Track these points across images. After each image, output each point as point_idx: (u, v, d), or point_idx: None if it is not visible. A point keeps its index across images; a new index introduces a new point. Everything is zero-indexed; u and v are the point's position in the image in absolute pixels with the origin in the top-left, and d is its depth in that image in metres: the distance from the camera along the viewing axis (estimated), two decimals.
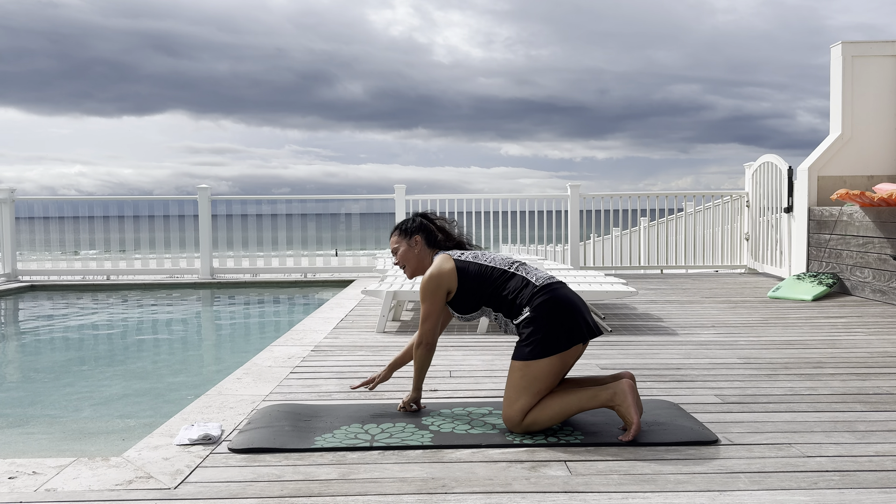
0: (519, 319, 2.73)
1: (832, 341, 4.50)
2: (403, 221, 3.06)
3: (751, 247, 8.91)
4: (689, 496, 2.13)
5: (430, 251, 3.00)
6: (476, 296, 2.82)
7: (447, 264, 2.85)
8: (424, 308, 2.84)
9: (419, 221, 3.04)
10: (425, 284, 2.84)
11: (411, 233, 3.01)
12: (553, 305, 2.69)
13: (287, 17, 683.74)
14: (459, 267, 2.84)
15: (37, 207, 9.40)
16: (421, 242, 2.99)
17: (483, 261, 2.86)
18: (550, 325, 2.66)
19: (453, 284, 2.83)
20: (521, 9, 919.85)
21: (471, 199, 9.20)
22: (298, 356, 4.12)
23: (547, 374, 2.66)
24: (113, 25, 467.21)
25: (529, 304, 2.71)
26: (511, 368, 2.71)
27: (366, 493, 2.16)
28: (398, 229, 3.04)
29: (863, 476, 2.28)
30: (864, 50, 7.31)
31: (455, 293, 2.85)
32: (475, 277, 2.82)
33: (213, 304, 7.91)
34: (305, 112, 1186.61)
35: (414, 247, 2.99)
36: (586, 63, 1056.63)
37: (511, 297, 2.76)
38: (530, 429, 2.66)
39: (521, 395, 2.66)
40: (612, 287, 5.11)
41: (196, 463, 2.41)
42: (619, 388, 2.66)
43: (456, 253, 2.93)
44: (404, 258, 3.00)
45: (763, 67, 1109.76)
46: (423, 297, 2.84)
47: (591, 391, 2.69)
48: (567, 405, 2.67)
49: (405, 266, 3.02)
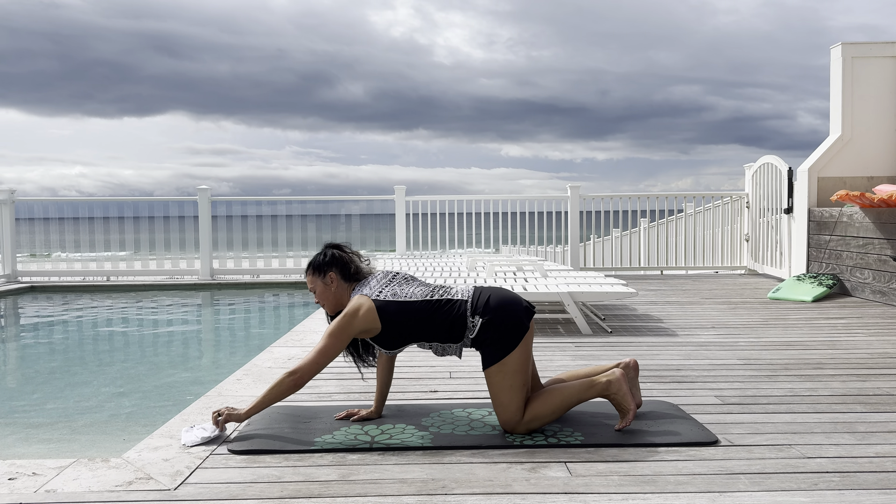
0: (475, 332, 2.68)
1: (832, 342, 4.50)
2: (315, 257, 2.88)
3: (751, 248, 8.91)
4: (689, 497, 2.13)
5: (348, 286, 2.84)
6: (403, 333, 2.72)
7: (364, 305, 2.69)
8: (324, 345, 2.64)
9: (331, 255, 2.85)
10: (338, 321, 2.68)
11: (324, 269, 2.83)
12: (495, 301, 2.70)
13: (288, 18, 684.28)
14: (380, 308, 2.69)
15: (37, 208, 9.40)
16: (336, 279, 2.82)
17: (402, 297, 2.73)
18: (504, 319, 2.67)
19: (371, 325, 2.69)
20: (523, 9, 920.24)
21: (471, 200, 9.20)
22: (298, 357, 4.12)
23: (522, 362, 2.68)
24: (114, 26, 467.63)
25: (476, 312, 2.69)
26: (487, 377, 2.70)
27: (366, 494, 2.16)
28: (311, 266, 2.85)
29: (863, 477, 2.28)
30: (864, 51, 7.31)
31: (379, 333, 2.72)
32: (401, 314, 2.70)
33: (212, 305, 7.90)
34: (306, 113, 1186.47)
35: (330, 284, 2.82)
36: (587, 64, 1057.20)
37: (449, 321, 2.70)
38: (531, 425, 2.67)
39: (510, 395, 2.66)
40: (612, 288, 5.11)
41: (196, 464, 2.41)
42: (615, 378, 2.71)
43: (374, 292, 2.75)
44: (322, 298, 2.83)
45: (764, 68, 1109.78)
46: (331, 333, 2.66)
47: (587, 381, 2.73)
48: (567, 398, 2.71)
49: (325, 304, 2.85)
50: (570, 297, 4.90)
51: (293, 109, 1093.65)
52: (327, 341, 2.66)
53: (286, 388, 2.63)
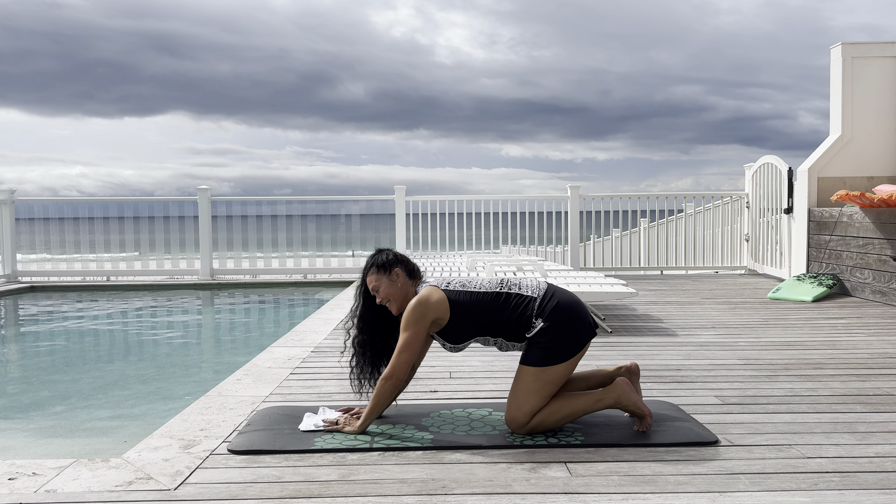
0: (532, 332, 2.69)
1: (832, 342, 4.50)
2: (375, 258, 2.88)
3: (751, 248, 8.91)
4: (689, 497, 2.13)
5: (413, 283, 2.86)
6: (472, 325, 2.74)
7: (435, 294, 2.73)
8: (405, 337, 2.68)
9: (393, 253, 2.88)
10: (411, 311, 2.70)
11: (389, 267, 2.84)
12: (563, 311, 2.70)
13: (289, 18, 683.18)
14: (451, 298, 2.73)
15: (37, 208, 9.40)
16: (402, 275, 2.84)
17: (472, 288, 2.76)
18: (565, 331, 2.68)
19: (442, 315, 2.71)
20: (525, 9, 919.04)
21: (471, 200, 9.20)
22: (298, 357, 4.12)
23: (561, 377, 2.69)
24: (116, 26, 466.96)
25: (540, 315, 2.70)
26: (522, 372, 2.70)
27: (366, 495, 2.16)
28: (374, 266, 2.85)
29: (863, 477, 2.28)
30: (864, 51, 7.31)
31: (446, 324, 2.74)
32: (470, 306, 2.72)
33: (213, 305, 7.90)
34: (307, 113, 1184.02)
35: (396, 280, 2.83)
36: (589, 64, 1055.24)
37: (514, 318, 2.71)
38: (535, 430, 2.68)
39: (531, 398, 2.66)
40: (612, 288, 5.11)
41: (196, 464, 2.41)
42: (621, 390, 2.71)
43: (442, 283, 2.79)
44: (388, 294, 2.83)
45: (766, 68, 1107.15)
46: (406, 324, 2.69)
47: (595, 395, 2.74)
48: (575, 409, 2.71)
49: (390, 302, 2.84)
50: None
51: (294, 109, 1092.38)
52: (408, 334, 2.69)
53: (387, 393, 2.70)
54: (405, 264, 2.89)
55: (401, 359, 2.68)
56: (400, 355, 2.68)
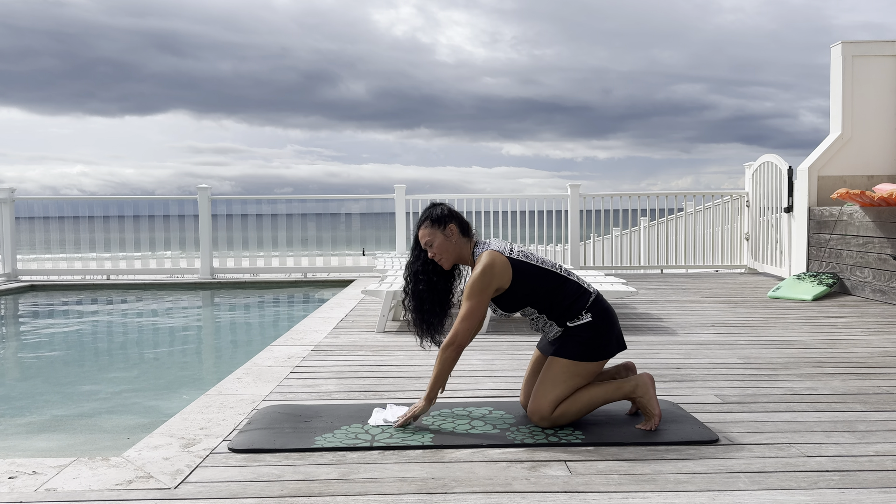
0: (576, 323, 2.73)
1: (832, 341, 4.50)
2: (429, 212, 2.85)
3: (751, 247, 8.91)
4: (689, 496, 2.13)
5: (466, 241, 2.85)
6: (529, 296, 2.75)
7: (499, 260, 2.71)
8: (470, 304, 2.68)
9: (447, 210, 2.85)
10: (477, 280, 2.68)
11: (444, 222, 2.82)
12: (609, 316, 2.78)
13: (291, 16, 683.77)
14: (515, 265, 2.73)
15: (37, 207, 9.40)
16: (456, 231, 2.82)
17: (534, 261, 2.78)
18: (607, 332, 2.75)
19: (504, 283, 2.72)
20: (527, 8, 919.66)
21: (471, 199, 9.20)
22: (298, 356, 4.12)
23: (591, 374, 2.75)
24: (118, 24, 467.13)
25: (589, 310, 2.75)
26: (554, 364, 2.73)
27: (366, 493, 2.16)
28: (428, 220, 2.83)
29: (863, 476, 2.28)
30: (864, 50, 7.31)
31: (505, 291, 2.75)
32: (532, 277, 2.74)
33: (213, 303, 7.91)
34: (308, 112, 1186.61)
35: (450, 236, 2.81)
36: (591, 62, 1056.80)
37: (567, 303, 2.75)
38: (558, 421, 2.70)
39: (558, 387, 2.70)
40: (613, 287, 5.11)
41: (196, 463, 2.41)
42: (642, 381, 2.75)
43: (505, 250, 2.77)
44: (441, 249, 2.81)
45: (768, 67, 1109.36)
46: (472, 293, 2.68)
47: (614, 384, 2.77)
48: (594, 398, 2.74)
49: (442, 258, 2.83)
50: None
51: (295, 108, 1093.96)
52: (472, 302, 2.68)
53: (451, 360, 2.68)
54: (459, 220, 2.85)
55: (463, 326, 2.67)
56: (462, 322, 2.68)
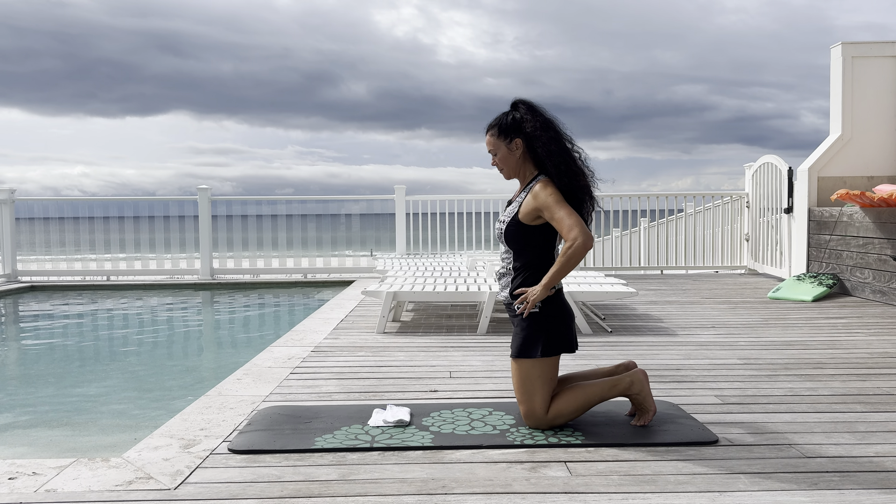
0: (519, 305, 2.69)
1: (832, 342, 4.50)
2: (500, 118, 2.76)
3: (751, 247, 8.91)
4: (689, 497, 2.13)
5: (532, 167, 2.76)
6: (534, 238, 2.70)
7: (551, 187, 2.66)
8: (565, 209, 2.59)
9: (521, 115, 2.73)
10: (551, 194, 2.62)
11: (511, 134, 2.72)
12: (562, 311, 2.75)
13: (293, 17, 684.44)
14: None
15: (37, 208, 9.40)
16: (522, 147, 2.73)
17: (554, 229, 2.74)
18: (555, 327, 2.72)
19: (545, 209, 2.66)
20: (529, 8, 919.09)
21: (471, 200, 9.20)
22: (298, 357, 4.12)
23: (553, 367, 2.73)
24: (120, 25, 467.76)
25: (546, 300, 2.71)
26: (513, 367, 2.73)
27: (366, 494, 2.16)
28: (497, 127, 2.75)
29: (863, 476, 2.28)
30: (864, 51, 7.31)
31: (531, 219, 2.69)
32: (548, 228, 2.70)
33: (213, 304, 7.91)
34: (309, 113, 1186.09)
35: (515, 151, 2.73)
36: (592, 63, 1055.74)
37: (539, 266, 2.71)
38: (554, 422, 2.70)
39: (535, 390, 2.69)
40: (613, 288, 5.11)
41: (196, 464, 2.41)
42: (637, 378, 2.75)
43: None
44: (505, 163, 2.76)
45: (769, 67, 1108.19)
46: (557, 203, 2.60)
47: (610, 381, 2.76)
48: (590, 396, 2.73)
49: (504, 169, 2.78)
50: (570, 297, 4.90)
51: (296, 109, 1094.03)
52: (565, 207, 2.60)
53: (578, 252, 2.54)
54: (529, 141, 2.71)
55: (575, 222, 2.56)
56: (572, 220, 2.57)
